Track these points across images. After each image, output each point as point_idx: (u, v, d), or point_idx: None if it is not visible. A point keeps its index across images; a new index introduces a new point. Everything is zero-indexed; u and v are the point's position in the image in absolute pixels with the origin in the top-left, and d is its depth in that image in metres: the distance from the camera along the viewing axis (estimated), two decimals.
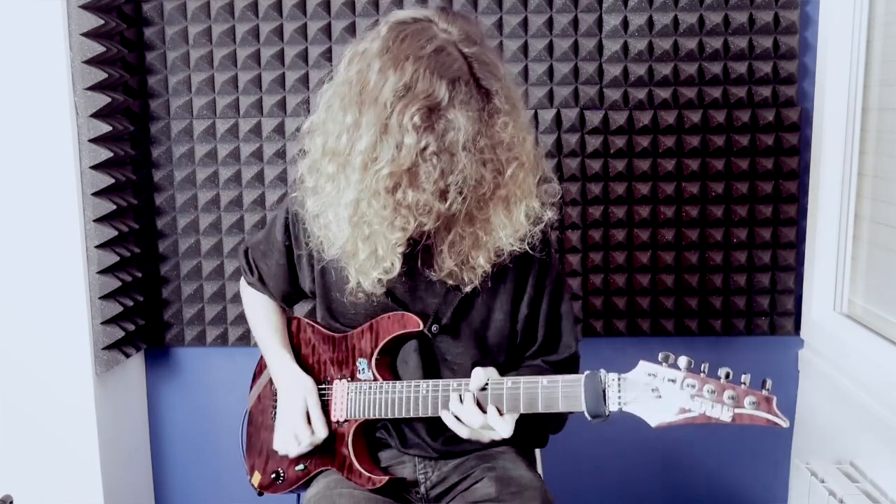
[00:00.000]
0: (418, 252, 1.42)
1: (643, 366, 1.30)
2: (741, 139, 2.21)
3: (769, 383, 1.24)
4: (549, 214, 1.41)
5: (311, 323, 1.62)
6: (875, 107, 2.04)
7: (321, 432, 1.54)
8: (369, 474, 1.50)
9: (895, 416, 1.76)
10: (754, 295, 2.27)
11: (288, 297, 1.66)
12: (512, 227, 1.36)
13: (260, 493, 1.68)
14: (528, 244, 1.40)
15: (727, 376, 1.25)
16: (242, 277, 1.72)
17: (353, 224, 1.32)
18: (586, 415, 1.32)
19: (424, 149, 1.24)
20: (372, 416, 1.50)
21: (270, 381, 1.67)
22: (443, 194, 1.27)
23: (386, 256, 1.34)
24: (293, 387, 1.57)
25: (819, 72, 2.15)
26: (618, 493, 2.44)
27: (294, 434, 1.55)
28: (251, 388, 1.75)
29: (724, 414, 1.24)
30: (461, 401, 1.39)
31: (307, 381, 1.57)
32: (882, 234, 2.01)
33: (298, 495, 1.69)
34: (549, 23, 2.21)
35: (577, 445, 2.26)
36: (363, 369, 1.52)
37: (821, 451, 2.08)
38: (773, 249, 2.25)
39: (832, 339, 2.11)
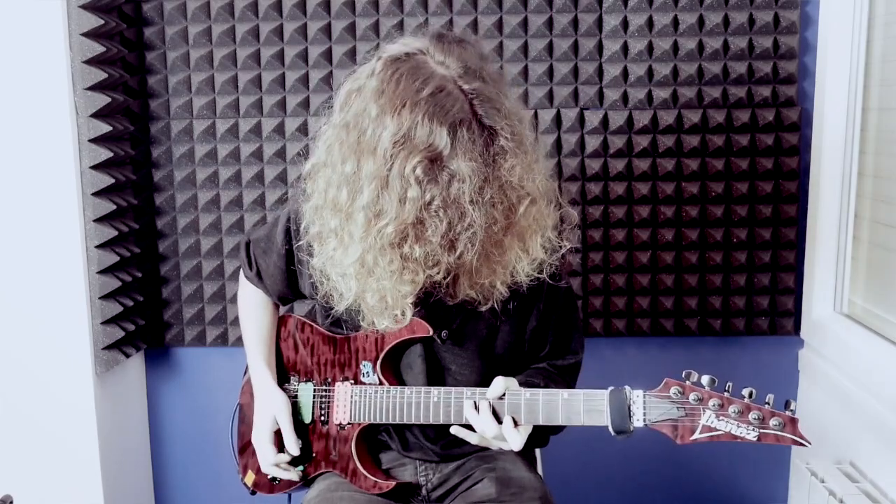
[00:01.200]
0: (434, 296, 1.40)
1: (668, 383, 1.30)
2: (741, 139, 2.21)
3: (793, 404, 1.25)
4: (567, 243, 1.39)
5: (311, 323, 1.61)
6: (875, 107, 2.04)
7: (293, 450, 1.53)
8: (375, 479, 1.50)
9: (895, 416, 1.76)
10: (754, 295, 2.27)
11: (283, 297, 1.65)
12: (528, 258, 1.34)
13: (253, 493, 1.67)
14: (547, 274, 1.37)
15: (750, 395, 1.26)
16: (241, 270, 1.70)
17: (360, 279, 1.30)
18: (610, 430, 1.32)
19: (429, 203, 1.21)
20: (378, 421, 1.49)
21: None
22: (452, 245, 1.25)
23: (395, 306, 1.33)
24: (265, 405, 1.56)
25: (819, 72, 2.15)
26: (618, 492, 2.44)
27: (262, 456, 1.55)
28: (242, 384, 1.74)
29: (750, 434, 1.25)
30: (476, 409, 1.37)
31: (279, 400, 1.55)
32: (882, 234, 2.01)
33: (290, 495, 1.68)
34: (549, 23, 2.21)
35: (577, 446, 2.26)
36: (367, 373, 1.51)
37: (821, 451, 2.08)
38: (773, 249, 2.25)
39: (832, 339, 2.11)
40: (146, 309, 2.38)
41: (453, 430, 1.41)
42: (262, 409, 1.57)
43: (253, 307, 1.66)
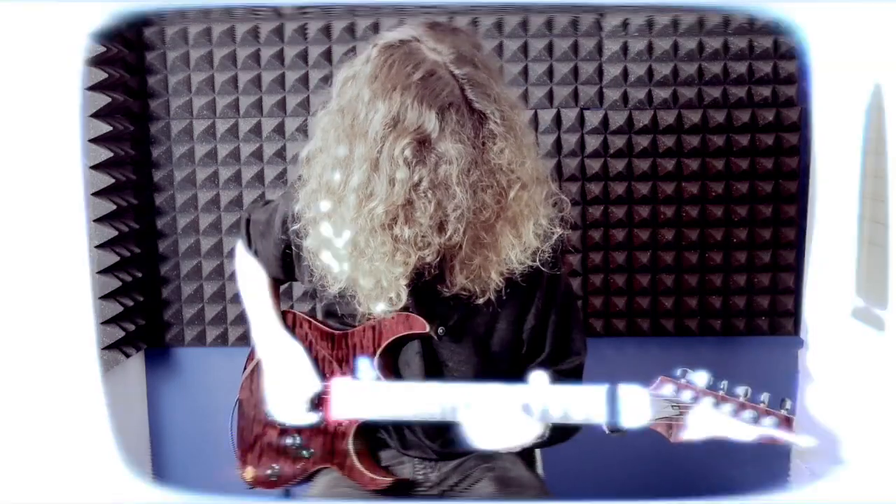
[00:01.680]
0: (426, 276, 1.40)
1: (663, 382, 1.30)
2: (741, 139, 2.21)
3: (788, 403, 1.25)
4: (559, 231, 1.39)
5: (308, 318, 1.61)
6: None
7: (314, 384, 1.52)
8: (372, 475, 1.50)
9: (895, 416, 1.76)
10: (754, 295, 2.27)
11: (278, 279, 1.67)
12: (521, 245, 1.35)
13: (251, 488, 1.68)
14: (539, 260, 1.38)
15: (746, 394, 1.26)
16: (239, 242, 1.70)
17: (353, 261, 1.32)
18: (605, 428, 1.32)
19: (418, 184, 1.22)
20: (375, 417, 1.49)
21: (253, 372, 1.66)
22: (441, 227, 1.26)
23: (390, 288, 1.34)
24: (276, 351, 1.57)
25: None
26: (618, 492, 2.43)
27: (279, 393, 1.54)
28: (241, 381, 1.74)
29: (745, 433, 1.25)
30: (473, 411, 1.37)
31: (291, 343, 1.56)
32: (882, 234, 2.01)
33: (288, 491, 1.68)
34: (549, 23, 2.21)
35: (577, 445, 2.25)
36: (365, 369, 1.51)
37: (821, 451, 2.08)
38: (773, 249, 2.25)
39: (832, 339, 2.10)
40: (146, 309, 2.38)
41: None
42: (272, 358, 1.57)
43: (252, 272, 1.67)
